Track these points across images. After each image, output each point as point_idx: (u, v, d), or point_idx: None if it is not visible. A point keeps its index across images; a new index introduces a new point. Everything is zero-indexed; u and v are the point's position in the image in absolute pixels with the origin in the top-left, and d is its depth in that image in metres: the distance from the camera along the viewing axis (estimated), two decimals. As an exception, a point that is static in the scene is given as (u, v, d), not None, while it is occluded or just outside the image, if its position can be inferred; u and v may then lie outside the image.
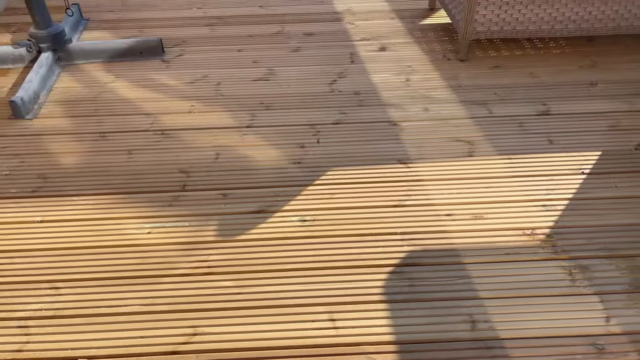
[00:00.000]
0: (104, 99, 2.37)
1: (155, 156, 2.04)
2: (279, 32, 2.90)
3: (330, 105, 2.32)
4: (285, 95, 2.38)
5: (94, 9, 3.16)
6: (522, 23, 2.48)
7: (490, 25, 2.48)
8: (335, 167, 1.97)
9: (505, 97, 2.33)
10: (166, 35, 2.87)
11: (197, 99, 2.37)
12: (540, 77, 2.46)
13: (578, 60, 2.56)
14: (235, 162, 2.01)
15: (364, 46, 2.75)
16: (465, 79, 2.46)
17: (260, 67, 2.60)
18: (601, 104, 2.26)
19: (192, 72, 2.56)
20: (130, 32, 2.91)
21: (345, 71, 2.55)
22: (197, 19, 3.05)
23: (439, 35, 2.83)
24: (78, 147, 2.09)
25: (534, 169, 1.94)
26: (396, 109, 2.28)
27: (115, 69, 2.59)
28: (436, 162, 1.98)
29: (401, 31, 2.88)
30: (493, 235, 1.68)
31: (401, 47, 2.74)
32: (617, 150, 2.00)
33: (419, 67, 2.56)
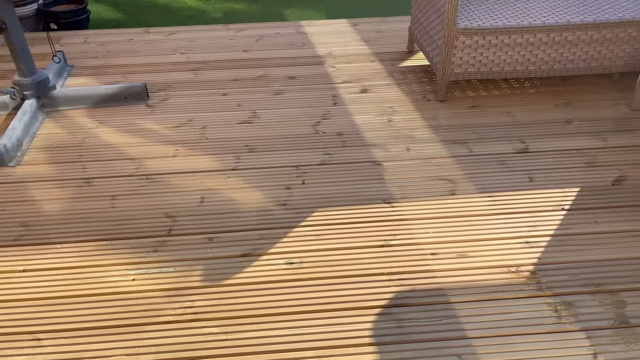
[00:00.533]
0: (88, 145, 2.38)
1: (139, 201, 2.04)
2: (263, 76, 2.96)
3: (314, 146, 2.35)
4: (270, 138, 2.41)
5: (78, 56, 3.20)
6: (498, 64, 2.57)
7: (467, 67, 2.57)
8: (321, 208, 1.99)
9: (485, 136, 2.38)
10: (150, 80, 2.91)
11: (182, 143, 2.38)
12: (518, 115, 2.53)
13: (553, 99, 2.65)
14: (221, 206, 2.01)
15: (346, 88, 2.82)
16: (445, 118, 2.53)
17: (244, 110, 2.64)
18: (577, 141, 2.32)
19: (176, 116, 2.59)
20: (115, 78, 2.95)
21: (328, 113, 2.60)
22: (181, 64, 3.10)
23: (418, 77, 2.91)
24: (61, 194, 2.08)
25: (515, 206, 1.97)
26: (379, 149, 2.32)
27: (100, 115, 2.61)
28: (420, 201, 2.01)
29: (382, 73, 2.96)
30: (478, 273, 1.69)
31: (382, 88, 2.80)
32: (595, 186, 2.05)
33: (400, 108, 2.62)
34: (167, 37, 3.47)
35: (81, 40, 3.41)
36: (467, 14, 2.54)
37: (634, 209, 1.94)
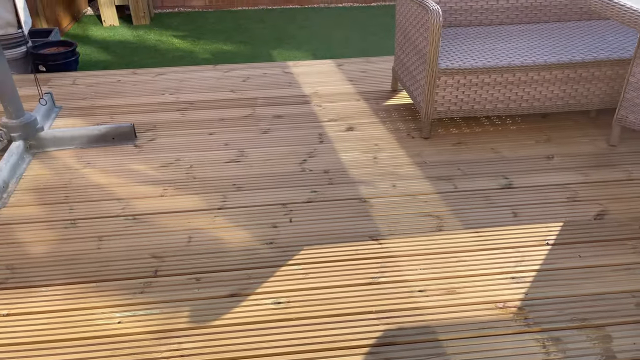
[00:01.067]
0: (75, 186, 2.37)
1: (126, 242, 2.03)
2: (250, 115, 3.00)
3: (301, 184, 2.37)
4: (257, 176, 2.43)
5: (66, 97, 3.23)
6: (479, 103, 2.64)
7: (450, 105, 2.63)
8: (308, 246, 1.99)
9: (469, 172, 2.43)
10: (138, 120, 2.94)
11: (169, 183, 2.39)
12: (501, 152, 2.58)
13: (534, 136, 2.71)
14: (208, 245, 2.01)
15: (332, 127, 2.86)
16: (429, 155, 2.57)
17: (231, 149, 2.66)
18: (559, 176, 2.37)
19: (164, 156, 2.61)
20: (103, 119, 2.97)
21: (314, 151, 2.63)
22: (169, 104, 3.14)
23: (403, 115, 2.97)
24: (47, 236, 2.07)
25: (501, 241, 1.99)
26: (366, 186, 2.34)
27: (87, 156, 2.61)
28: (407, 238, 2.02)
29: (367, 112, 3.01)
30: (466, 310, 1.70)
31: (367, 126, 2.86)
32: (578, 221, 2.09)
33: (386, 146, 2.67)
34: (156, 77, 3.52)
35: (70, 81, 3.45)
36: (448, 54, 2.63)
37: (616, 242, 1.97)
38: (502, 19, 3.05)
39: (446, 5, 2.99)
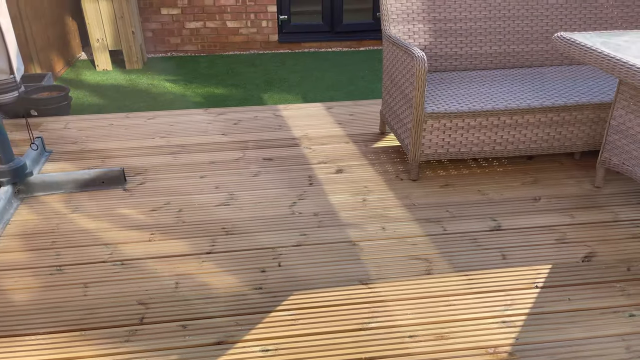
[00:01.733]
0: (62, 231, 2.36)
1: (112, 288, 2.00)
2: (241, 158, 3.02)
3: (290, 227, 2.37)
4: (246, 220, 2.43)
5: (57, 141, 3.24)
6: (466, 145, 2.68)
7: (437, 148, 2.67)
8: (297, 291, 1.98)
9: (457, 215, 2.44)
10: (129, 164, 2.95)
11: (158, 227, 2.38)
12: (488, 194, 2.61)
13: (520, 177, 2.75)
14: (195, 291, 1.98)
15: (321, 169, 2.89)
16: (418, 197, 2.59)
17: (221, 192, 2.67)
18: (546, 218, 2.39)
19: (153, 200, 2.60)
20: (93, 163, 2.98)
21: (304, 193, 2.64)
22: (160, 147, 3.16)
23: (391, 157, 3.00)
24: (32, 282, 2.04)
25: (490, 284, 1.99)
26: (355, 229, 2.35)
27: (76, 200, 2.61)
28: (396, 282, 2.01)
29: (356, 154, 3.05)
30: (457, 356, 1.67)
31: (357, 169, 2.88)
32: (566, 263, 2.09)
33: (374, 188, 2.69)
34: (147, 121, 3.55)
35: (61, 125, 3.47)
36: (434, 98, 2.68)
37: (605, 285, 1.97)
38: (486, 64, 3.13)
39: (432, 52, 3.08)
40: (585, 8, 3.11)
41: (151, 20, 5.71)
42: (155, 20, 5.72)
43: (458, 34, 3.08)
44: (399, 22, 3.03)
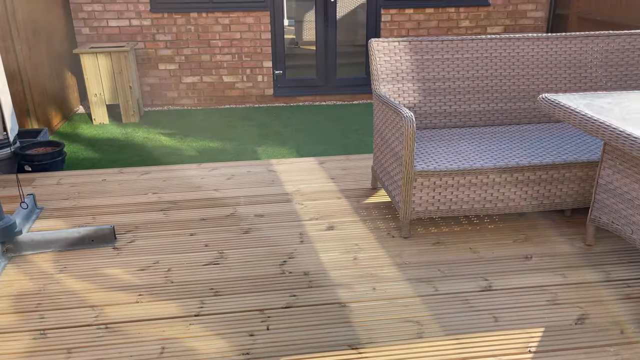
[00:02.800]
0: (49, 292, 2.32)
1: (95, 354, 1.95)
2: (232, 215, 3.02)
3: (280, 287, 2.34)
4: (235, 280, 2.40)
5: (49, 197, 3.24)
6: (456, 203, 2.69)
7: (427, 205, 2.68)
8: (286, 356, 1.93)
9: (449, 274, 2.42)
10: (119, 221, 2.94)
11: (146, 288, 2.35)
12: (479, 251, 2.60)
13: (512, 235, 2.75)
14: (181, 357, 1.94)
15: (312, 225, 2.88)
16: (409, 256, 2.57)
17: (211, 250, 2.65)
18: (538, 277, 2.38)
19: (142, 258, 2.58)
20: (84, 220, 2.97)
21: (295, 252, 2.63)
22: (151, 204, 3.16)
23: (383, 213, 3.01)
24: (14, 347, 1.99)
25: (482, 349, 1.95)
26: (345, 289, 2.32)
27: (65, 259, 2.58)
28: (387, 346, 1.97)
29: (347, 210, 3.05)
30: None
31: (348, 225, 2.88)
32: (559, 326, 2.06)
33: (366, 245, 2.68)
34: (141, 176, 3.57)
35: (54, 181, 3.48)
36: (424, 156, 2.72)
37: (598, 349, 1.94)
38: (475, 121, 3.19)
39: (421, 109, 3.14)
40: (569, 68, 3.20)
41: (149, 75, 5.84)
42: (153, 75, 5.85)
43: (446, 92, 3.15)
44: (389, 82, 3.10)
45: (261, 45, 5.88)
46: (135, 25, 5.63)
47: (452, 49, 3.14)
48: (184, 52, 5.79)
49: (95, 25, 5.59)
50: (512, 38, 3.16)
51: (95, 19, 5.57)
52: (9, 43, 4.26)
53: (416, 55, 3.12)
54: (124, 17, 5.59)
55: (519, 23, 6.11)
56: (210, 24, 5.74)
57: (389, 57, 3.10)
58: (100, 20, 5.58)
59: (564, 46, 3.20)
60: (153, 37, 5.70)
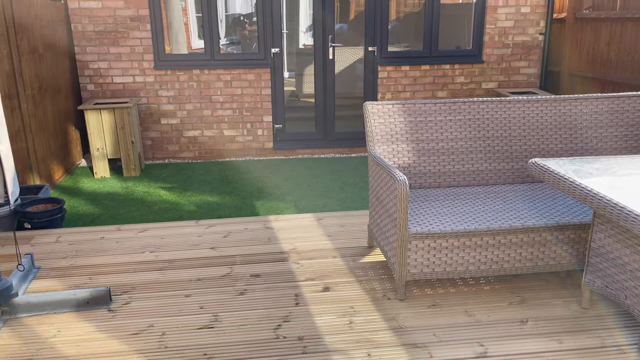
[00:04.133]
0: (41, 358, 2.31)
1: None
2: (227, 274, 3.03)
3: (274, 353, 2.32)
4: (229, 345, 2.39)
5: (47, 256, 3.26)
6: (451, 265, 2.70)
7: (423, 267, 2.69)
8: None
9: (444, 339, 2.41)
10: (116, 281, 2.95)
11: (139, 354, 2.33)
12: (475, 314, 2.59)
13: (507, 297, 2.74)
14: None
15: (308, 286, 2.88)
16: (405, 319, 2.56)
17: (206, 312, 2.65)
18: (534, 343, 2.36)
19: (137, 322, 2.57)
20: (81, 280, 2.98)
21: (290, 315, 2.62)
22: (148, 263, 3.18)
23: (379, 274, 3.01)
24: (3, 419, 1.96)
25: (477, 421, 1.92)
26: (340, 356, 2.30)
27: (60, 321, 2.58)
28: (380, 418, 1.94)
29: (343, 270, 3.06)
30: None
31: (344, 286, 2.88)
32: (555, 396, 2.04)
33: (361, 308, 2.67)
34: (138, 234, 3.59)
35: (52, 239, 3.51)
36: (418, 217, 2.75)
37: (596, 422, 1.91)
38: (469, 181, 3.24)
39: (415, 169, 3.20)
40: (560, 129, 3.28)
41: (151, 129, 5.96)
42: (155, 129, 5.97)
43: (440, 152, 3.22)
44: (384, 142, 3.18)
45: (261, 101, 6.03)
46: (139, 81, 5.80)
47: (445, 111, 3.23)
48: (186, 107, 5.93)
49: (101, 82, 5.75)
50: (503, 101, 3.26)
51: (101, 75, 5.74)
52: (15, 102, 4.39)
53: (410, 117, 3.20)
54: (129, 74, 5.76)
55: (513, 79, 6.28)
56: (213, 80, 5.90)
57: (383, 119, 3.18)
58: (106, 77, 5.75)
59: (553, 108, 3.29)
60: (156, 93, 5.85)
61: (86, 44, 5.63)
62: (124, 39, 5.67)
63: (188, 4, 5.96)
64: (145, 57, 5.75)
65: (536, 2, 6.04)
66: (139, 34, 5.67)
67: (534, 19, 6.10)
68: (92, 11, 5.55)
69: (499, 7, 6.03)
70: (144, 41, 5.70)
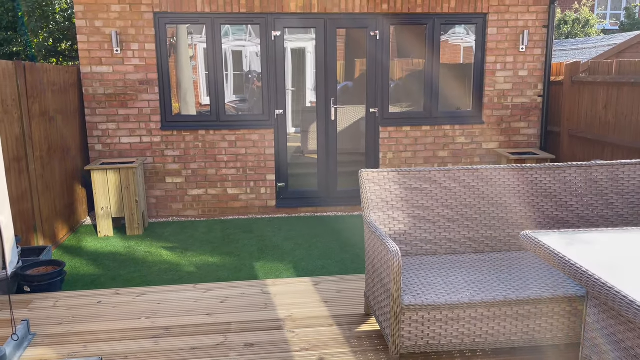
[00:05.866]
0: None
1: None
2: (222, 343, 3.00)
3: None
4: (219, 421, 2.35)
5: (43, 322, 3.26)
6: (446, 338, 2.67)
7: (417, 340, 2.66)
8: None
9: (438, 417, 2.35)
10: (110, 350, 2.93)
11: None
12: (471, 390, 2.53)
13: (504, 371, 2.69)
14: None
15: (303, 357, 2.85)
16: (398, 395, 2.51)
17: (198, 385, 2.61)
18: (530, 423, 2.30)
19: (127, 394, 2.55)
20: (75, 348, 2.97)
21: (282, 388, 2.58)
22: (144, 330, 3.16)
23: (374, 344, 2.97)
24: None
25: None
26: None
27: (49, 394, 2.56)
28: None
29: (339, 339, 3.02)
30: None
31: (339, 357, 2.84)
32: None
33: (355, 381, 2.62)
34: (136, 298, 3.60)
35: (50, 303, 3.52)
36: (412, 287, 2.74)
37: None
38: (465, 248, 3.24)
39: (411, 236, 3.21)
40: (555, 197, 3.30)
41: (156, 188, 6.06)
42: (160, 187, 6.06)
43: (435, 220, 3.24)
44: (379, 209, 3.21)
45: (265, 160, 6.14)
46: (146, 141, 5.94)
47: (440, 178, 3.28)
48: (191, 166, 6.05)
49: (109, 142, 5.91)
50: (497, 168, 3.30)
51: (109, 136, 5.90)
52: (23, 164, 4.51)
53: (405, 184, 3.25)
54: (136, 134, 5.92)
55: (513, 139, 6.36)
56: (218, 140, 6.04)
57: (379, 187, 3.23)
58: (113, 138, 5.90)
59: (548, 176, 3.33)
60: (162, 153, 5.99)
61: (96, 106, 5.83)
62: (133, 101, 5.86)
63: (199, 63, 6.19)
64: (152, 119, 5.92)
65: (533, 66, 6.20)
66: (147, 96, 5.87)
67: (532, 81, 6.24)
68: (104, 75, 5.78)
69: (497, 70, 6.19)
70: (151, 103, 5.89)
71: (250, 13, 5.86)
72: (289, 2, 5.85)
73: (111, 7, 5.67)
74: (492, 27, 6.11)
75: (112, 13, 5.68)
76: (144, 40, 5.77)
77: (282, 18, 5.94)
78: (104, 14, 5.67)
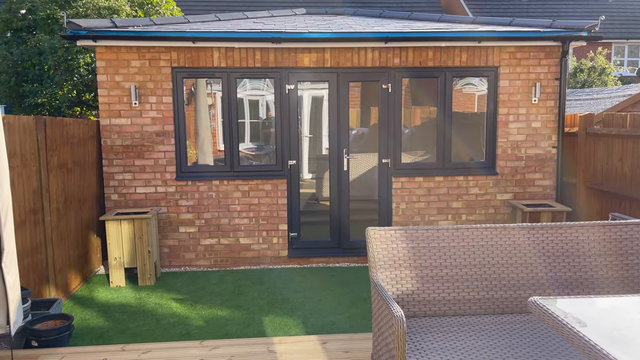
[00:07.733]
0: None
1: None
2: (224, 407, 2.94)
3: None
4: None
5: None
6: (453, 408, 2.57)
7: (423, 409, 2.56)
8: None
9: None
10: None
11: None
12: None
13: None
14: None
15: None
16: None
17: None
18: None
19: None
20: (75, 409, 2.93)
21: None
22: (146, 390, 3.12)
23: (380, 411, 2.87)
24: None
25: None
26: None
27: None
28: None
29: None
30: None
31: None
32: None
33: None
34: (142, 355, 3.56)
35: (57, 359, 3.50)
36: (419, 352, 2.66)
37: None
38: (474, 310, 3.16)
39: (419, 297, 3.15)
40: (567, 257, 3.22)
41: (169, 237, 6.09)
42: (173, 237, 6.10)
43: (444, 280, 3.18)
44: (386, 269, 3.17)
45: (278, 210, 6.15)
46: (161, 191, 6.03)
47: (448, 237, 3.24)
48: (204, 216, 6.09)
49: (124, 192, 6.00)
50: (507, 227, 3.25)
51: (125, 186, 6.00)
52: (39, 216, 4.59)
53: (413, 242, 3.21)
54: (151, 184, 6.01)
55: (528, 191, 6.29)
56: (231, 190, 6.09)
57: (385, 245, 3.20)
58: (129, 188, 6.01)
59: (559, 235, 3.26)
60: (176, 203, 6.05)
61: (113, 157, 5.97)
62: (149, 152, 5.98)
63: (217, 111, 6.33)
64: (167, 169, 6.02)
65: (547, 117, 6.19)
66: (164, 147, 5.99)
67: (546, 133, 6.22)
68: (122, 127, 5.94)
69: (510, 122, 6.20)
70: (167, 154, 6.01)
71: (265, 67, 6.02)
72: (303, 58, 6.01)
73: (131, 63, 5.88)
74: (503, 79, 6.16)
75: (132, 68, 5.89)
76: (162, 93, 5.94)
77: (295, 72, 6.09)
78: (124, 69, 5.88)
